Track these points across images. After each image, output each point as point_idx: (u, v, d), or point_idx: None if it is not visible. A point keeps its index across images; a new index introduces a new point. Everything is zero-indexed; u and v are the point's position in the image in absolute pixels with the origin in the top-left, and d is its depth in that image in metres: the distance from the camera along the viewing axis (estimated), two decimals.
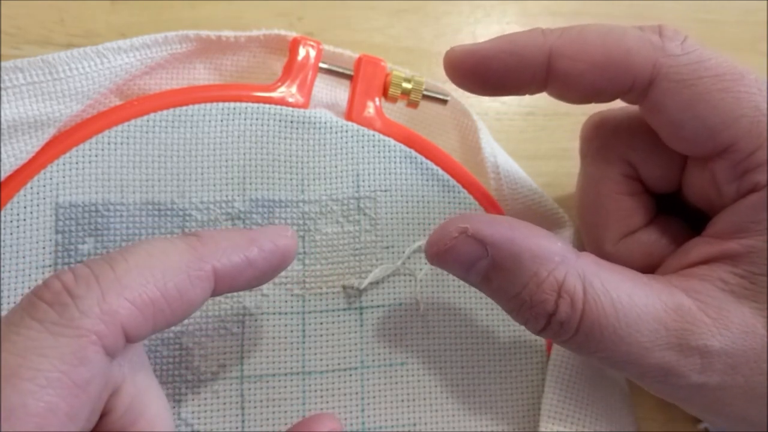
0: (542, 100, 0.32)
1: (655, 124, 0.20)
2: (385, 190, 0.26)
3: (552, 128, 0.31)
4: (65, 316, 0.16)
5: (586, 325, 0.18)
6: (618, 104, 0.22)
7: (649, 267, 0.22)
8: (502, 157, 0.28)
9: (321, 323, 0.25)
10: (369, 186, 0.26)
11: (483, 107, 0.31)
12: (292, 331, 0.24)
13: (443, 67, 0.22)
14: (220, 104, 0.25)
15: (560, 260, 0.19)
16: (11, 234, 0.22)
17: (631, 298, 0.18)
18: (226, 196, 0.24)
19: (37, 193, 0.23)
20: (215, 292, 0.19)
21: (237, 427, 0.23)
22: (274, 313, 0.24)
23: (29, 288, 0.22)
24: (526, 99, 0.32)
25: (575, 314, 0.18)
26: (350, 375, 0.24)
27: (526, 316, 0.19)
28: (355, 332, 0.25)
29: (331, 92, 0.28)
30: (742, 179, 0.19)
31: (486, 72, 0.21)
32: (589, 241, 0.24)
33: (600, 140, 0.23)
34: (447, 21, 0.32)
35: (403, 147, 0.26)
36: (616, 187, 0.23)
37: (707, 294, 0.19)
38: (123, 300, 0.17)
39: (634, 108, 0.22)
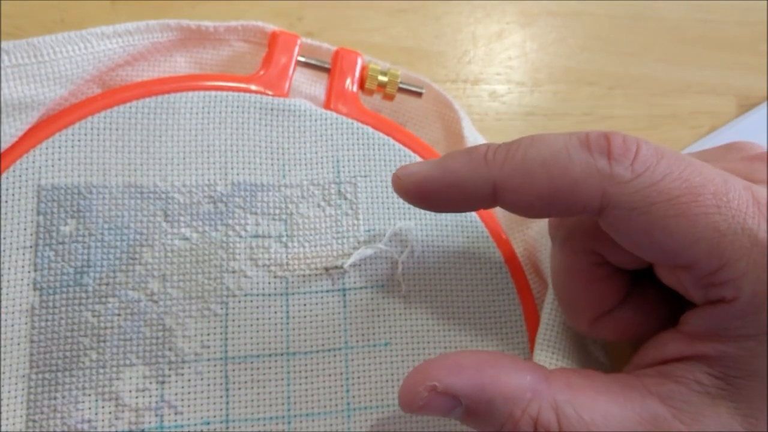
0: (542, 100, 0.32)
1: (614, 238, 0.20)
2: (365, 176, 0.26)
3: (552, 128, 0.31)
4: None
5: None
6: None
7: (627, 341, 0.23)
8: None
9: (304, 305, 0.25)
10: (349, 171, 0.26)
11: (483, 107, 0.31)
12: (275, 312, 0.24)
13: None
14: (201, 93, 0.25)
15: (531, 396, 0.19)
16: None
17: (605, 417, 0.19)
18: (208, 179, 0.25)
19: (20, 176, 0.23)
20: None
21: (221, 408, 0.23)
22: (257, 295, 0.24)
23: (9, 268, 0.22)
24: (526, 99, 0.32)
25: None
26: (334, 356, 0.24)
27: None
28: (339, 313, 0.25)
29: (311, 86, 0.29)
30: (708, 291, 0.19)
31: (434, 203, 0.21)
32: (567, 319, 0.25)
33: (565, 230, 0.23)
34: (447, 21, 0.32)
35: (381, 134, 0.27)
36: (585, 275, 0.22)
37: (682, 399, 0.19)
38: None
39: None
